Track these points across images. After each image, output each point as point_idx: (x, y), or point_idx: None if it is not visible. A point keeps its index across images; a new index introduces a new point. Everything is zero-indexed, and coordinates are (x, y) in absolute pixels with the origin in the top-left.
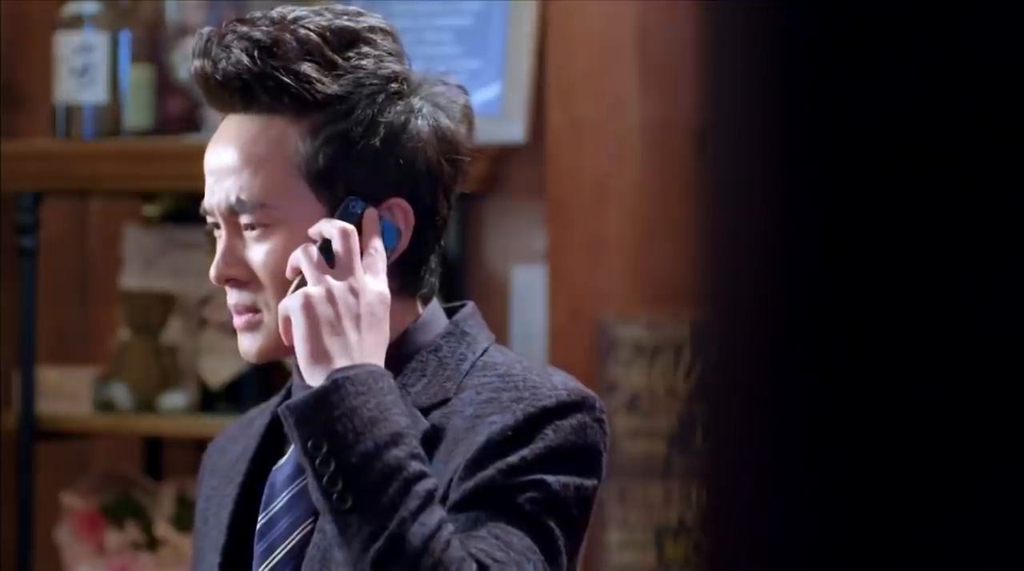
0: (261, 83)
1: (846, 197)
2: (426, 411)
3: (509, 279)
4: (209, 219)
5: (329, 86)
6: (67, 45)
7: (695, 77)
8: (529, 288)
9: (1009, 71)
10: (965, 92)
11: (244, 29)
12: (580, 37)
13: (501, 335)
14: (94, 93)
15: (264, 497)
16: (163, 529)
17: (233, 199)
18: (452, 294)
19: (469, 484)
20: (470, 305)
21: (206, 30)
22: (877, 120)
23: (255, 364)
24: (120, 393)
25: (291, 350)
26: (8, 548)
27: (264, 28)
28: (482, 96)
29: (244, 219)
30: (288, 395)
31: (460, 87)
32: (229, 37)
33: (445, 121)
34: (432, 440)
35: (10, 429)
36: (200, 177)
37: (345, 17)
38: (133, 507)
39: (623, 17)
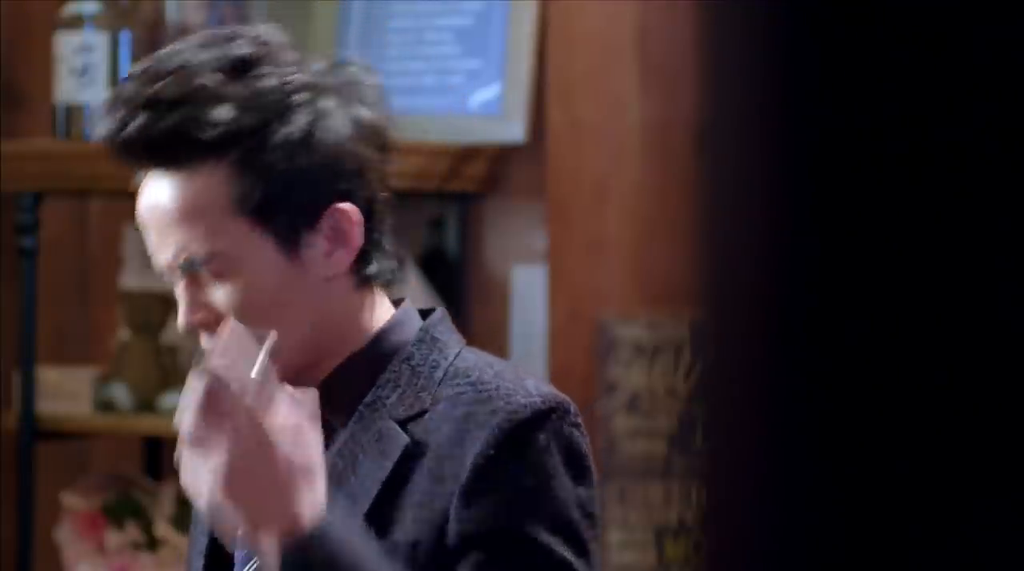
0: (175, 140)
1: (845, 197)
2: (403, 423)
3: (509, 279)
4: (164, 275)
5: (239, 121)
6: (67, 45)
7: (695, 77)
8: (529, 288)
9: (1010, 71)
10: (966, 92)
11: (144, 89)
12: (580, 37)
13: (501, 335)
14: (94, 93)
15: None
16: (163, 529)
17: (181, 259)
18: (452, 294)
19: (470, 526)
20: (440, 310)
21: (111, 95)
22: (877, 120)
23: None
24: (120, 393)
25: (283, 376)
26: (8, 548)
27: (162, 83)
28: (482, 96)
29: (193, 273)
30: None
31: (367, 68)
32: (131, 100)
33: (359, 110)
34: (413, 455)
35: (10, 429)
36: None
37: (232, 44)
38: (133, 507)
39: (623, 17)
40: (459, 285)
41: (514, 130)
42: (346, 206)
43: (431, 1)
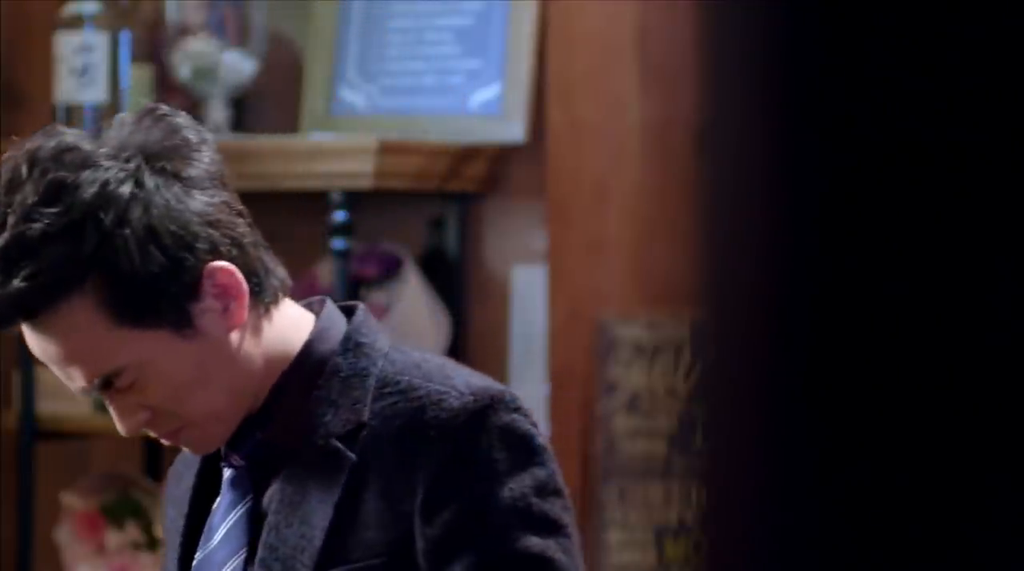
0: (27, 300)
1: (845, 197)
2: (343, 439)
3: (509, 279)
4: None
5: (78, 250)
6: (67, 45)
7: (695, 77)
8: (529, 288)
9: (1010, 71)
10: (966, 92)
11: None
12: (580, 37)
13: (501, 335)
14: (94, 93)
15: (204, 534)
16: (163, 529)
17: (90, 385)
18: (452, 294)
19: (437, 542)
20: (360, 309)
21: None
22: (877, 120)
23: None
24: None
25: (237, 422)
26: (8, 548)
27: None
28: (482, 96)
29: (104, 390)
30: None
31: (171, 112)
32: None
33: (183, 166)
34: (360, 473)
35: (10, 429)
36: None
37: (49, 162)
38: (133, 507)
39: (623, 17)
40: (459, 285)
41: (514, 130)
42: (217, 263)
43: (431, 1)
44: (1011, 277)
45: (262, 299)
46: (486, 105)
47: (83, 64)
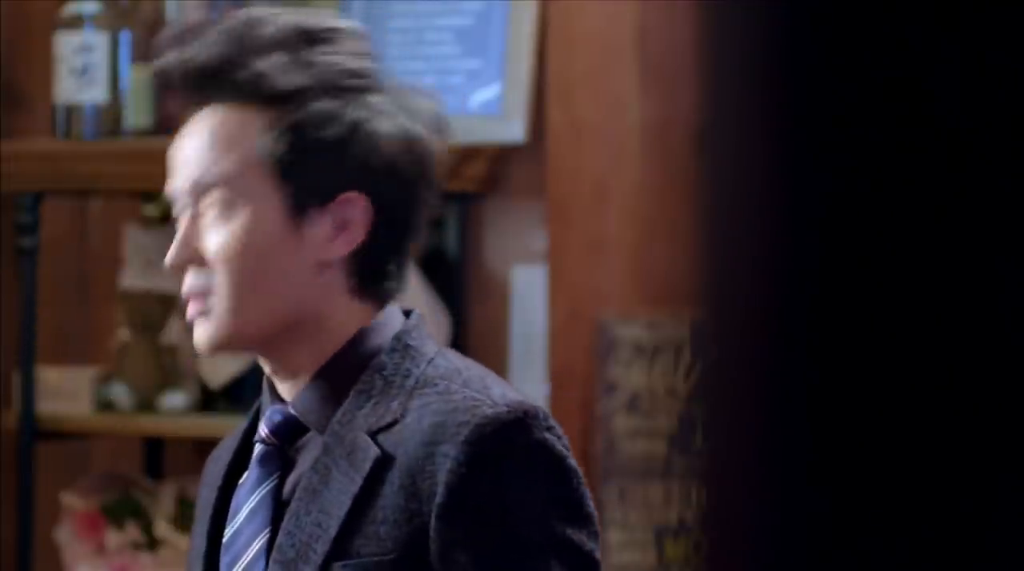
0: (227, 75)
1: (845, 197)
2: (373, 434)
3: (509, 279)
4: (173, 211)
5: (291, 79)
6: (67, 45)
7: (695, 77)
8: (529, 288)
9: (1010, 72)
10: (966, 92)
11: (210, 26)
12: (580, 37)
13: (501, 335)
14: (94, 93)
15: (230, 512)
16: (163, 529)
17: (191, 182)
18: (452, 294)
19: (451, 546)
20: (416, 315)
21: (175, 26)
22: (876, 120)
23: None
24: (120, 393)
25: (248, 341)
26: (8, 548)
27: (231, 24)
28: (482, 96)
29: (203, 202)
30: (256, 416)
31: (432, 95)
32: (196, 32)
33: (408, 123)
34: (384, 468)
35: (10, 429)
36: None
37: (312, 19)
38: (133, 507)
39: (623, 17)
40: (459, 285)
41: (514, 130)
42: (360, 198)
43: (431, 1)
44: (1012, 277)
45: (362, 275)
46: (486, 105)
47: (83, 64)
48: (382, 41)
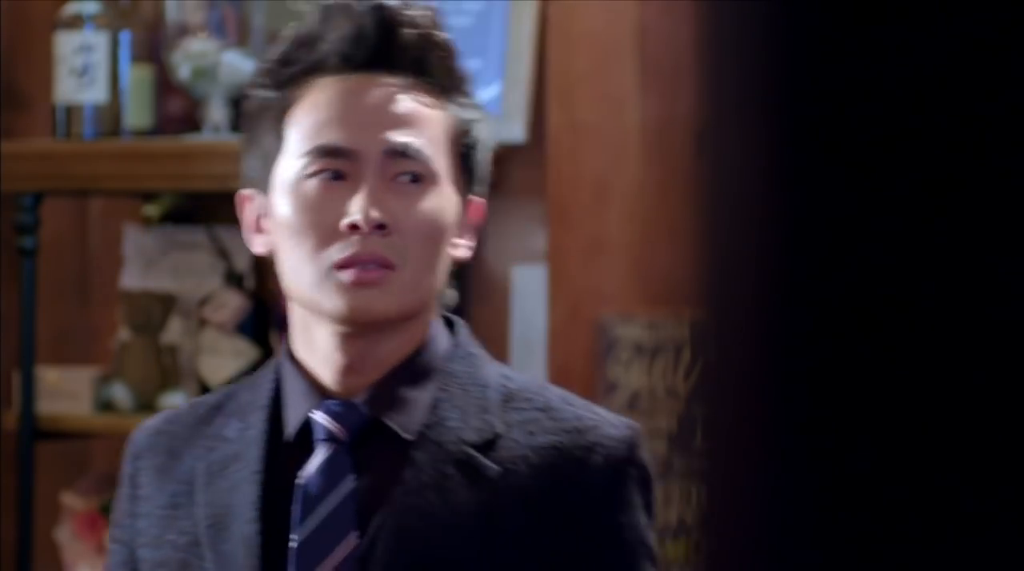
0: (429, 50)
1: (845, 197)
2: (478, 448)
3: (509, 279)
4: (331, 164)
5: (465, 75)
6: (67, 45)
7: (695, 77)
8: (529, 288)
9: (1011, 73)
10: (965, 92)
11: (407, 10)
12: (580, 37)
13: (501, 335)
14: (94, 93)
15: (297, 512)
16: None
17: (399, 142)
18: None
19: (586, 565)
20: (463, 324)
21: (341, 8)
22: (877, 120)
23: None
24: (120, 393)
25: (402, 318)
26: (8, 548)
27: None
28: (482, 96)
29: (404, 167)
30: (276, 405)
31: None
32: (406, 8)
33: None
34: (503, 485)
35: (10, 429)
36: (199, 177)
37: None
38: None
39: (623, 17)
40: (459, 285)
41: (514, 130)
42: (482, 206)
43: (431, 1)
44: (1012, 277)
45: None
46: (486, 105)
47: (83, 64)
48: None
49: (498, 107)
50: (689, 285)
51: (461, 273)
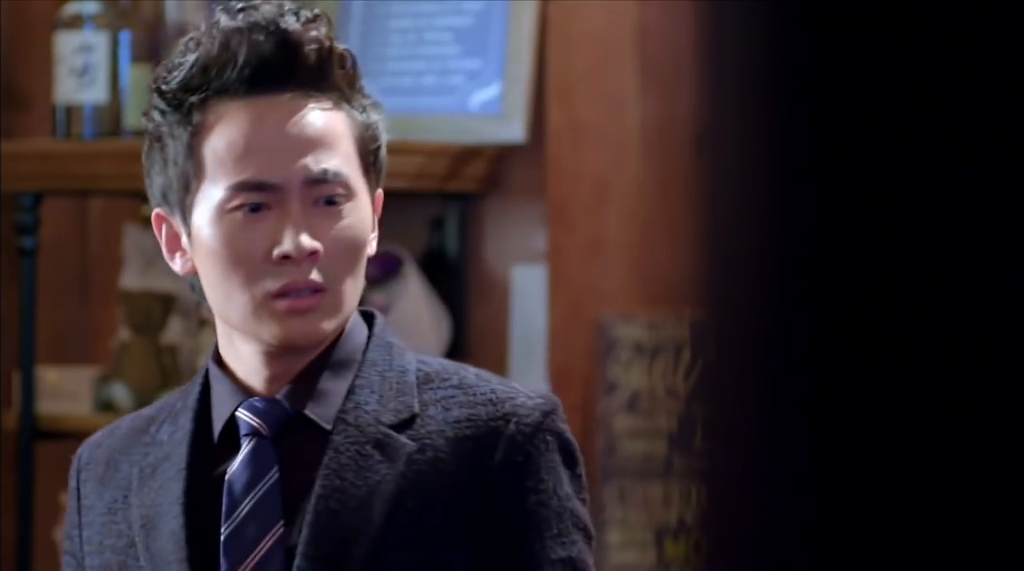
0: (331, 63)
1: (845, 197)
2: (396, 429)
3: (509, 279)
4: (253, 198)
5: (360, 74)
6: (67, 45)
7: (695, 77)
8: (529, 288)
9: (1011, 72)
10: (966, 93)
11: (299, 12)
12: (580, 37)
13: (501, 335)
14: (94, 93)
15: (224, 506)
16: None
17: (318, 170)
18: (452, 294)
19: (499, 533)
20: (380, 315)
21: (239, 24)
22: (877, 120)
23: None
24: (120, 393)
25: (346, 322)
26: (8, 548)
27: (309, 17)
28: (482, 96)
29: (324, 191)
30: (205, 407)
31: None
32: (272, 24)
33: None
34: (419, 461)
35: (10, 429)
36: None
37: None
38: None
39: (623, 17)
40: (459, 285)
41: (514, 130)
42: (381, 196)
43: (431, 1)
44: (1012, 277)
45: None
46: (486, 105)
47: (83, 64)
48: (382, 41)
49: (498, 107)
50: (689, 285)
51: (461, 273)
